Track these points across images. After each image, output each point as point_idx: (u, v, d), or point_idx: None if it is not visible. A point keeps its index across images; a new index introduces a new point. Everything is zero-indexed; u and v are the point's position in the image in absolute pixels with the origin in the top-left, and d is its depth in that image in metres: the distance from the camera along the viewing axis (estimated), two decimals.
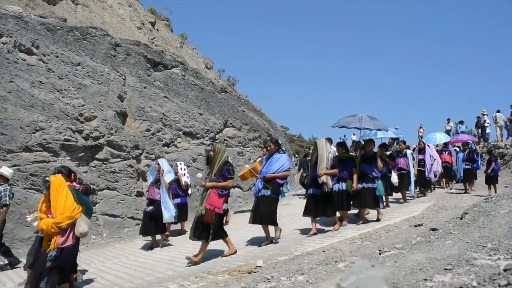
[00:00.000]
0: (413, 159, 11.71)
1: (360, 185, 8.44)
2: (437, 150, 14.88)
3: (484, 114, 21.54)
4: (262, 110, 18.35)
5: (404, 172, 11.27)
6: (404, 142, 12.06)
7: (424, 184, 12.58)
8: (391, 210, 10.19)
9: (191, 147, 13.05)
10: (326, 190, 7.48)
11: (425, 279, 3.38)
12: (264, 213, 7.13)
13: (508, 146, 17.98)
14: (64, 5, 12.62)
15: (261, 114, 17.73)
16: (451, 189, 14.50)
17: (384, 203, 10.18)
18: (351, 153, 9.51)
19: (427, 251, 4.60)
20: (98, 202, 9.93)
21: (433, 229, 6.62)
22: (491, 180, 12.14)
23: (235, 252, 6.75)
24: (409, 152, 11.43)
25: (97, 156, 10.24)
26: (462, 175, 13.42)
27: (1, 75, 8.85)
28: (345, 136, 35.25)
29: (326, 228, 8.20)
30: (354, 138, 31.69)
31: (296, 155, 32.99)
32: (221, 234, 6.63)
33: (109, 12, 14.33)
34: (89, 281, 6.21)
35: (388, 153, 10.77)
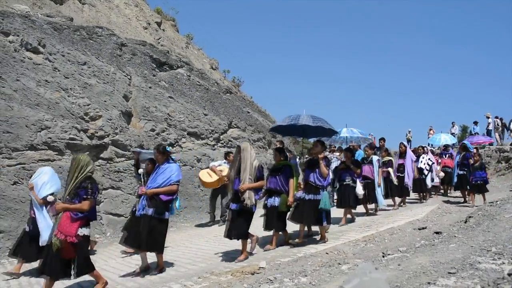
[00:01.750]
0: (381, 166, 10.44)
1: (299, 195, 7.19)
2: (437, 154, 14.52)
3: (488, 117, 21.49)
4: (267, 111, 18.37)
5: (369, 181, 9.97)
6: (371, 147, 10.93)
7: (402, 192, 11.31)
8: (395, 212, 10.16)
9: (196, 148, 13.07)
10: (248, 205, 6.20)
11: (429, 283, 3.37)
12: (146, 237, 5.89)
13: None
14: (71, 4, 12.68)
15: (266, 115, 17.73)
16: (447, 195, 13.55)
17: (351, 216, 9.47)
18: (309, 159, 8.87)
19: (431, 255, 4.58)
20: (102, 201, 9.96)
21: (437, 232, 6.60)
22: (478, 188, 10.58)
23: (105, 284, 5.47)
24: (375, 158, 10.18)
25: (101, 155, 10.27)
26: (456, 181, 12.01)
27: (7, 73, 8.90)
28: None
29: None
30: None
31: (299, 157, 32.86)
32: (86, 268, 5.22)
33: (115, 12, 14.38)
34: (93, 280, 6.22)
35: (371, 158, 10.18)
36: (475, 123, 22.46)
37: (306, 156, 8.76)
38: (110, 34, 11.77)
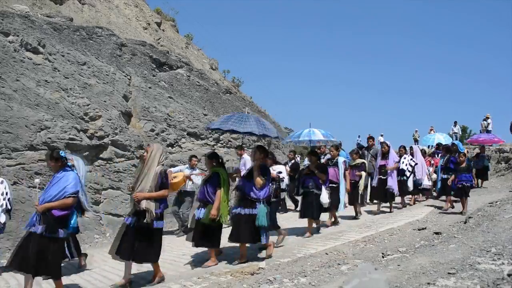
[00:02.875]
0: (347, 168, 9.42)
1: (235, 210, 6.45)
2: (429, 154, 13.90)
3: (488, 118, 21.46)
4: (267, 111, 18.37)
5: (334, 185, 8.80)
6: (337, 148, 9.71)
7: (385, 196, 10.37)
8: (395, 213, 10.15)
9: (195, 148, 13.07)
10: (148, 221, 5.20)
11: (428, 283, 3.37)
12: (35, 260, 4.83)
13: None
14: (70, 4, 12.67)
15: (266, 116, 17.73)
16: (426, 199, 12.42)
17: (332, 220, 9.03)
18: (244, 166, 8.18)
19: (431, 255, 4.59)
20: (102, 202, 9.96)
21: (436, 233, 6.61)
22: (461, 191, 9.33)
23: None
24: (341, 160, 9.10)
25: (101, 155, 10.27)
26: (439, 186, 11.04)
27: (7, 73, 8.90)
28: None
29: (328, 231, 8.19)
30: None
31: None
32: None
33: (115, 12, 14.38)
34: (92, 280, 6.23)
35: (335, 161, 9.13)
36: (486, 119, 21.42)
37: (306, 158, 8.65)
38: (110, 34, 11.77)
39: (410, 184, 11.18)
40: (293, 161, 12.42)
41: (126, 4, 15.37)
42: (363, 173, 9.89)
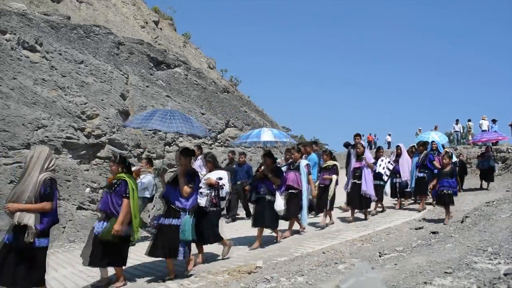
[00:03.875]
0: (310, 172, 8.43)
1: (156, 222, 5.86)
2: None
3: (484, 119, 21.44)
4: (264, 110, 18.37)
5: (294, 192, 7.83)
6: (299, 149, 8.54)
7: (361, 203, 9.07)
8: (392, 212, 10.15)
9: (193, 147, 13.05)
10: (27, 240, 4.26)
11: (425, 282, 3.38)
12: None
13: (510, 150, 17.95)
14: (68, 3, 12.63)
15: (263, 115, 17.73)
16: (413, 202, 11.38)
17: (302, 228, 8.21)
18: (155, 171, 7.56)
19: (428, 254, 4.60)
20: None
21: (433, 232, 6.62)
22: (444, 199, 8.17)
23: None
24: (303, 163, 8.12)
25: (98, 154, 10.25)
26: (413, 185, 10.31)
27: (4, 72, 8.87)
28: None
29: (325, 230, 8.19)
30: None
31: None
32: None
33: (112, 11, 14.35)
34: (89, 278, 6.21)
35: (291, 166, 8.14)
36: (494, 121, 20.61)
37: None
38: (107, 33, 11.75)
39: (387, 189, 10.25)
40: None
41: (123, 2, 15.34)
42: (334, 177, 8.59)
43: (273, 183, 7.18)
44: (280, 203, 7.15)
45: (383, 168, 10.24)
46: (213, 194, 6.43)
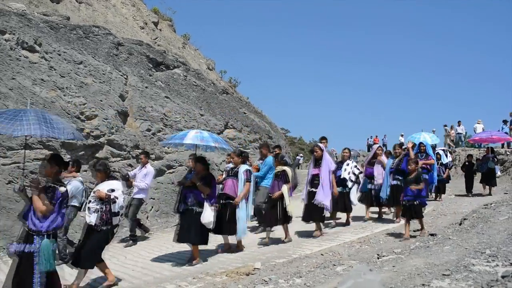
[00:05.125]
0: (249, 180, 7.34)
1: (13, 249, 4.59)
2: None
3: (479, 123, 21.43)
4: (263, 112, 18.37)
5: (231, 201, 7.16)
6: (240, 153, 7.72)
7: (312, 214, 7.87)
8: (390, 214, 10.15)
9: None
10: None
11: (423, 285, 3.38)
12: None
13: (508, 153, 17.98)
14: (67, 3, 12.63)
15: (262, 116, 17.73)
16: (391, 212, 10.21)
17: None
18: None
19: (426, 256, 4.60)
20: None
21: (432, 234, 6.63)
22: (410, 211, 7.18)
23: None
24: (242, 169, 7.33)
25: (97, 155, 10.23)
26: (388, 194, 8.83)
27: (3, 72, 8.86)
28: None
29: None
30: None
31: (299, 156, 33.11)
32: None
33: (112, 11, 14.35)
34: (86, 279, 6.20)
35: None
36: (505, 122, 19.73)
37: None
38: (106, 33, 11.74)
39: (353, 197, 9.07)
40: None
41: (123, 3, 15.33)
42: (284, 187, 7.51)
43: (202, 193, 6.45)
44: (208, 215, 6.38)
45: (349, 173, 9.03)
46: (103, 209, 5.50)
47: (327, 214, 8.26)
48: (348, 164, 9.22)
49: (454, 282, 3.31)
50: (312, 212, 7.80)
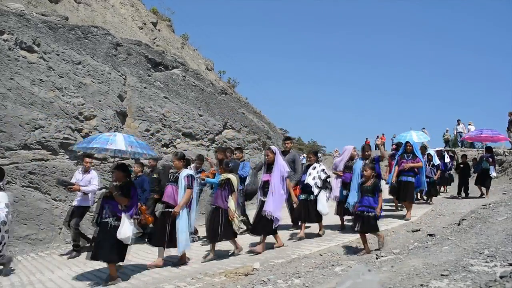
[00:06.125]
0: (191, 186, 6.51)
1: None
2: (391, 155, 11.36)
3: (470, 125, 21.46)
4: (262, 112, 18.36)
5: (170, 210, 6.44)
6: (183, 156, 6.83)
7: (258, 226, 7.04)
8: (389, 215, 10.15)
9: (190, 148, 13.04)
10: None
11: (422, 285, 3.38)
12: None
13: (506, 153, 17.99)
14: (66, 3, 12.62)
15: (261, 117, 17.72)
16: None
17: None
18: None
19: (424, 257, 4.60)
20: (96, 201, 9.91)
21: (430, 235, 6.63)
22: (363, 224, 6.24)
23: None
24: (183, 174, 6.51)
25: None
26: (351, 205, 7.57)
27: (1, 72, 8.85)
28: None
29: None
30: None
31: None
32: None
33: (111, 12, 14.34)
34: (85, 280, 6.20)
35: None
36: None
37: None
38: (105, 33, 11.74)
39: (321, 206, 7.68)
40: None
41: (122, 3, 15.33)
42: (231, 197, 6.71)
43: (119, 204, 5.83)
44: (125, 230, 5.69)
45: (314, 178, 7.80)
46: None
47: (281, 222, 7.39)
48: (314, 168, 7.93)
49: (453, 283, 3.31)
50: (259, 224, 6.96)
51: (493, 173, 12.90)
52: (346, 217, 8.45)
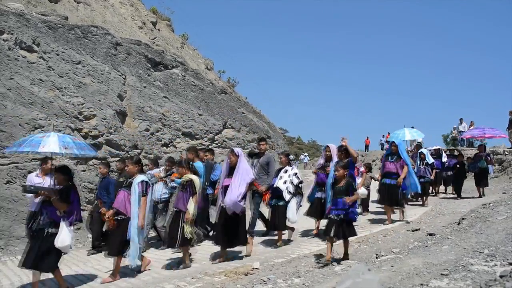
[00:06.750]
0: (145, 193, 6.02)
1: None
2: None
3: (461, 123, 21.46)
4: (262, 112, 18.36)
5: (123, 218, 5.99)
6: (137, 162, 6.29)
7: (222, 240, 6.55)
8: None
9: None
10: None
11: (422, 284, 3.38)
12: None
13: (506, 153, 17.98)
14: (66, 3, 12.61)
15: (261, 116, 17.72)
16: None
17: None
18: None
19: (424, 256, 4.60)
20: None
21: (430, 234, 6.63)
22: (337, 228, 5.64)
23: None
24: (138, 179, 6.02)
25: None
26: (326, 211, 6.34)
27: (1, 72, 8.84)
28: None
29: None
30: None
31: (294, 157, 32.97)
32: None
33: (110, 11, 14.33)
34: (85, 279, 6.20)
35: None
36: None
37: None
38: (105, 33, 11.73)
39: (291, 214, 7.16)
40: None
41: (121, 3, 15.32)
42: (191, 200, 6.19)
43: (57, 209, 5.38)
44: (63, 238, 5.27)
45: (285, 182, 7.20)
46: None
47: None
48: (286, 172, 7.34)
49: (453, 282, 3.31)
50: (221, 237, 6.45)
51: (491, 173, 12.73)
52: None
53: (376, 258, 5.37)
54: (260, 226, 8.10)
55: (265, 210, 7.77)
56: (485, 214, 6.98)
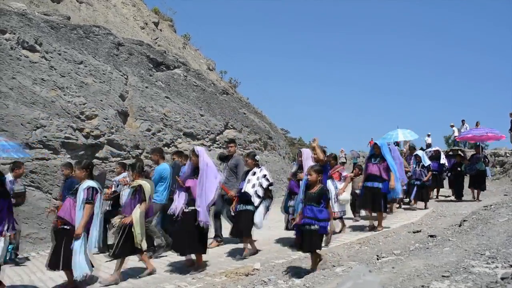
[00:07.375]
0: (90, 200, 5.55)
1: None
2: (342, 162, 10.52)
3: (452, 127, 21.38)
4: (263, 112, 18.37)
5: (67, 228, 5.57)
6: (86, 166, 5.80)
7: (181, 246, 6.12)
8: (390, 216, 10.15)
9: (191, 148, 13.03)
10: None
11: (423, 286, 3.37)
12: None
13: (508, 154, 17.96)
14: (68, 3, 12.63)
15: (262, 117, 17.73)
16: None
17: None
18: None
19: (425, 258, 4.59)
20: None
21: (431, 236, 6.62)
22: (309, 240, 5.17)
23: None
24: (84, 186, 5.61)
25: (97, 154, 10.24)
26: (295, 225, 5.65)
27: (3, 71, 8.86)
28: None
29: None
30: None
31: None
32: None
33: (112, 11, 14.35)
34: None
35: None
36: None
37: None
38: (107, 33, 11.75)
39: (258, 219, 6.63)
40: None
41: (123, 3, 15.34)
42: (138, 207, 5.83)
43: None
44: None
45: (253, 185, 6.62)
46: None
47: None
48: (254, 174, 6.73)
49: (454, 284, 3.31)
50: (187, 242, 5.93)
51: (490, 176, 12.27)
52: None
53: (377, 259, 5.36)
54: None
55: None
56: (487, 216, 6.96)
